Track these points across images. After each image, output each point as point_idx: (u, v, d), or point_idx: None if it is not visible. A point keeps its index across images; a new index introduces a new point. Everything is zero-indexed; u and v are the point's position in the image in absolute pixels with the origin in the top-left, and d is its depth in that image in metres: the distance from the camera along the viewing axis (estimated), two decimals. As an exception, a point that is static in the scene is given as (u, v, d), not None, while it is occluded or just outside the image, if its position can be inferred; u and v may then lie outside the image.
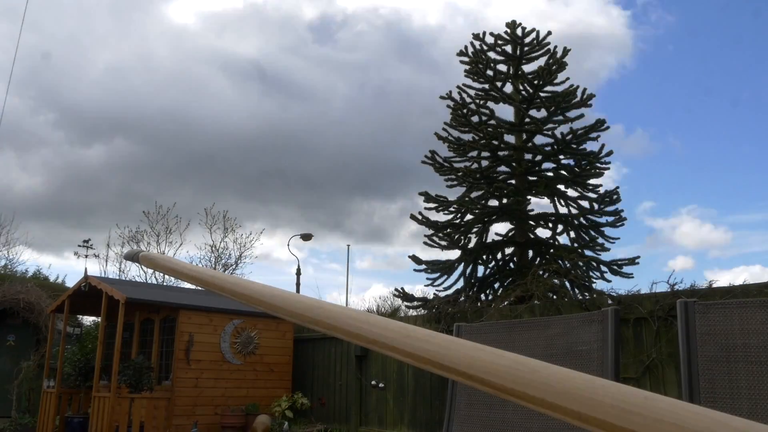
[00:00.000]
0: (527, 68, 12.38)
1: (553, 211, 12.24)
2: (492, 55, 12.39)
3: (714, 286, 5.83)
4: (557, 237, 12.12)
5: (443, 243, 11.78)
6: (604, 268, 11.26)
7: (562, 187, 12.13)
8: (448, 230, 11.91)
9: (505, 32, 12.46)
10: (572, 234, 11.96)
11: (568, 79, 12.22)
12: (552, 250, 11.70)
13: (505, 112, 12.67)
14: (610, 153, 11.93)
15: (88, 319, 13.74)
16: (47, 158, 27.14)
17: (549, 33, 12.29)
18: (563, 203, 12.17)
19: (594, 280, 11.26)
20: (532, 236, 12.08)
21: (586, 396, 0.31)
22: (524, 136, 12.32)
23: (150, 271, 16.51)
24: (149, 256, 0.78)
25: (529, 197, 11.64)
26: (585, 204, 12.01)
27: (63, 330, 10.81)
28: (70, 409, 10.15)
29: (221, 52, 30.02)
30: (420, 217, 12.05)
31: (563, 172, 12.10)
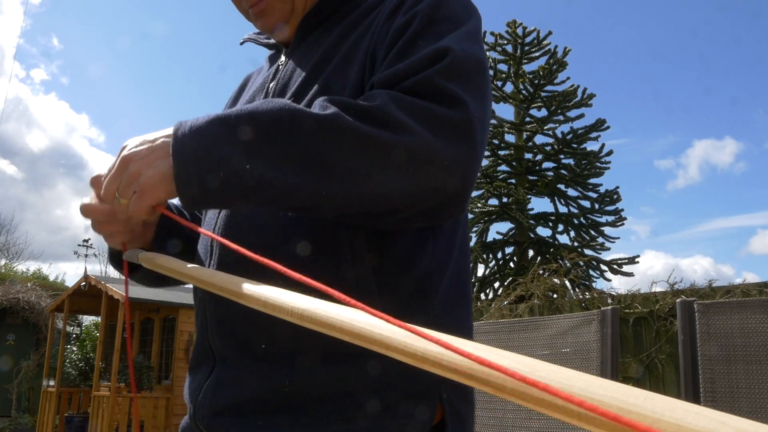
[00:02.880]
0: (528, 68, 12.37)
1: (553, 210, 12.24)
2: (492, 54, 12.39)
3: (714, 285, 5.83)
4: (557, 236, 12.13)
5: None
6: (604, 268, 11.26)
7: (562, 186, 12.13)
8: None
9: (506, 31, 12.45)
10: (572, 233, 11.96)
11: (568, 78, 12.22)
12: (552, 250, 11.70)
13: (506, 111, 12.68)
14: (610, 152, 11.94)
15: (87, 319, 13.73)
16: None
17: (549, 33, 12.29)
18: (563, 202, 12.16)
19: (594, 280, 11.27)
20: (532, 235, 12.08)
21: (585, 396, 0.30)
22: (525, 136, 12.31)
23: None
24: (149, 255, 0.78)
25: (529, 196, 11.63)
26: (585, 203, 12.02)
27: (63, 329, 10.81)
28: (70, 409, 10.14)
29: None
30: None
31: (563, 171, 12.10)
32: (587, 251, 11.62)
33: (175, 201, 0.75)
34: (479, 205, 11.96)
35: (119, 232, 0.85)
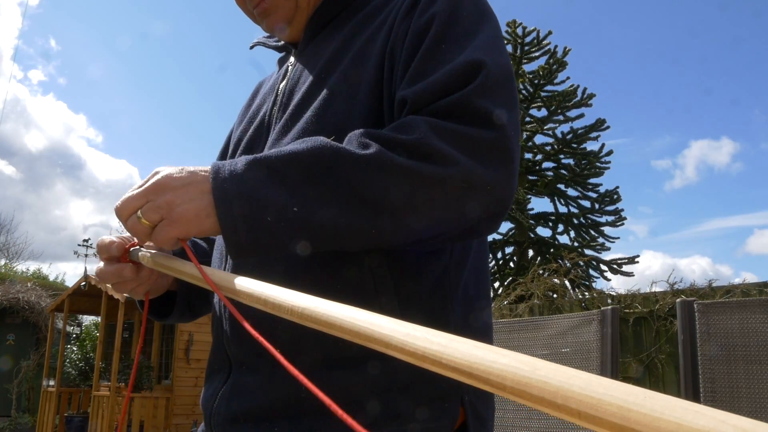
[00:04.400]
0: (528, 67, 12.37)
1: (553, 210, 12.24)
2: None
3: (714, 285, 5.83)
4: (557, 236, 12.13)
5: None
6: (604, 268, 11.26)
7: (562, 186, 12.13)
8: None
9: (506, 31, 12.45)
10: (572, 233, 11.96)
11: (568, 78, 12.22)
12: (552, 250, 11.70)
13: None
14: (610, 152, 11.94)
15: (87, 319, 13.73)
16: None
17: (549, 32, 12.29)
18: (563, 202, 12.17)
19: (594, 280, 11.28)
20: (532, 235, 12.08)
21: (586, 395, 0.30)
22: (525, 136, 12.31)
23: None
24: (148, 254, 0.78)
25: (529, 196, 11.63)
26: (585, 203, 12.02)
27: (63, 329, 10.81)
28: (70, 409, 10.14)
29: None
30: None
31: (563, 171, 12.10)
32: (587, 251, 11.62)
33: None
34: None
35: (138, 286, 0.87)
